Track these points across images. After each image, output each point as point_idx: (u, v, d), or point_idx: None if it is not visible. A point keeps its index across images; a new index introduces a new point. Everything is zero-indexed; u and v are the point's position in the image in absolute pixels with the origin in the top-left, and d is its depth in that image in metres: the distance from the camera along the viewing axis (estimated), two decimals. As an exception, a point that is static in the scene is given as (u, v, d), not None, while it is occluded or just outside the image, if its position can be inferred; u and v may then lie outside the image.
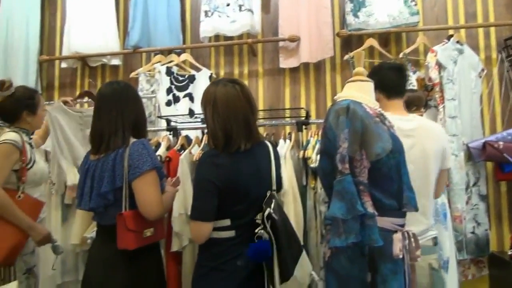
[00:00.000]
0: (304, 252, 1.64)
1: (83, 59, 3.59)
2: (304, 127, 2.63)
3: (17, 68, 3.60)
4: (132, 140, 1.72)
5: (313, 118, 2.99)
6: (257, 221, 1.57)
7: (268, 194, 1.62)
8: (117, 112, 1.72)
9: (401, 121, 1.77)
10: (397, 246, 1.38)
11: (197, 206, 1.58)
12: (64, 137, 2.40)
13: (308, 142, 2.51)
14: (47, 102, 3.30)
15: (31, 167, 2.07)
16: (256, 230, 1.54)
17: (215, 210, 1.56)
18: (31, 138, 2.20)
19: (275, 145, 1.82)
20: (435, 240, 1.96)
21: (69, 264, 2.63)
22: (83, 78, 3.75)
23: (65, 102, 2.45)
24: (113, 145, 1.70)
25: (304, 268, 1.61)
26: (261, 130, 3.10)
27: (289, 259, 1.54)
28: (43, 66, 3.78)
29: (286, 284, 1.54)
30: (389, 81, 1.85)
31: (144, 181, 1.64)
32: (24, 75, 3.58)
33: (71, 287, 2.64)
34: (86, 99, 3.02)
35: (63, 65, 3.68)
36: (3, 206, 1.92)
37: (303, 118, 2.67)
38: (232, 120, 1.58)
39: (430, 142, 1.82)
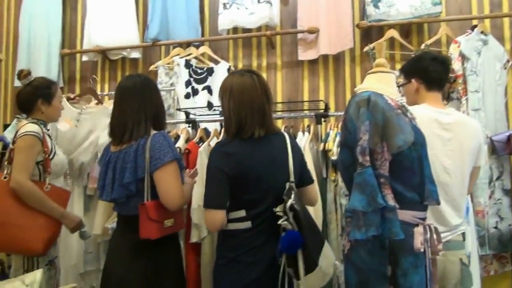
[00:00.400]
0: (326, 243, 1.65)
1: (104, 53, 3.62)
2: (323, 119, 2.61)
3: (40, 62, 3.67)
4: (153, 132, 1.75)
5: (332, 111, 2.97)
6: (277, 213, 1.58)
7: (287, 186, 1.62)
8: (140, 103, 1.76)
9: (440, 114, 1.73)
10: (418, 239, 1.37)
11: (208, 194, 1.60)
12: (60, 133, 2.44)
13: (327, 134, 2.50)
14: (70, 94, 3.38)
15: (52, 158, 2.09)
16: (279, 222, 1.54)
17: (227, 198, 1.58)
18: (48, 130, 2.22)
19: (292, 136, 1.81)
20: (464, 236, 1.93)
21: (91, 254, 2.70)
22: (104, 71, 3.80)
23: (69, 98, 2.47)
24: (136, 135, 1.73)
25: (328, 258, 1.61)
26: (279, 122, 3.12)
27: (314, 250, 1.55)
28: (64, 59, 3.84)
29: (311, 275, 1.54)
30: (435, 73, 1.78)
31: (165, 172, 1.67)
32: (46, 68, 3.64)
33: (93, 276, 2.72)
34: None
35: (84, 58, 3.72)
36: (36, 198, 1.96)
37: (322, 111, 2.65)
38: (247, 107, 1.62)
39: (467, 137, 1.78)
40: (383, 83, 1.52)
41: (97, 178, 1.94)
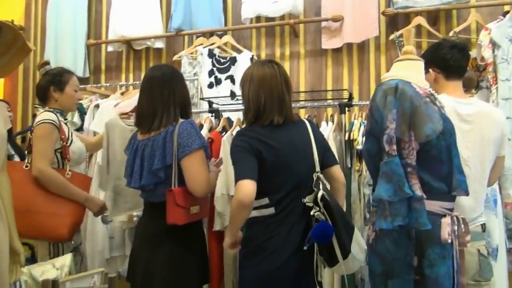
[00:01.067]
0: (356, 229, 1.67)
1: (128, 43, 3.67)
2: (347, 109, 2.58)
3: (66, 53, 3.74)
4: (180, 120, 1.79)
5: (355, 100, 2.93)
6: (307, 203, 1.59)
7: (315, 177, 1.64)
8: (169, 91, 1.79)
9: (460, 104, 1.69)
10: (446, 230, 1.34)
11: (238, 169, 1.60)
12: (112, 154, 2.35)
13: (352, 124, 2.47)
14: (95, 85, 3.45)
15: (70, 145, 2.13)
16: (312, 212, 1.56)
17: (256, 172, 1.57)
18: (66, 119, 2.25)
19: (314, 123, 1.81)
20: (484, 227, 1.90)
21: (117, 240, 2.76)
22: (128, 61, 3.84)
23: (122, 114, 2.48)
24: (165, 122, 1.76)
25: (359, 244, 1.64)
26: (302, 112, 3.10)
27: (346, 237, 1.57)
28: (90, 50, 3.90)
29: (344, 262, 1.57)
30: (453, 60, 1.74)
31: (193, 159, 1.70)
32: (73, 59, 3.72)
33: (118, 262, 2.78)
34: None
35: (109, 48, 3.78)
36: (58, 184, 2.01)
37: (346, 100, 2.62)
38: (266, 93, 1.65)
39: (489, 128, 1.73)
40: (411, 70, 1.49)
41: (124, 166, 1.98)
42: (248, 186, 1.54)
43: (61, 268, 1.80)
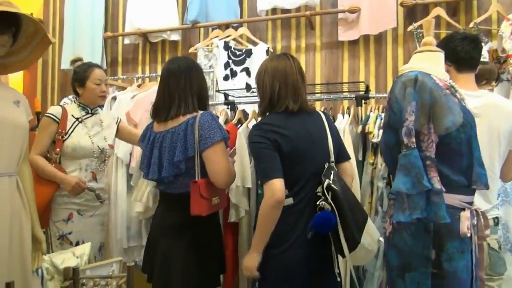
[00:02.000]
0: (369, 220, 1.65)
1: (145, 35, 3.69)
2: (363, 101, 2.56)
3: (84, 45, 3.79)
4: (200, 111, 1.79)
5: (372, 93, 2.89)
6: (317, 193, 1.58)
7: (326, 166, 1.63)
8: (185, 80, 1.80)
9: (468, 97, 1.66)
10: (465, 224, 1.32)
11: (263, 169, 1.59)
12: None
13: (368, 116, 2.45)
14: (112, 78, 3.48)
15: (65, 139, 2.19)
16: (318, 202, 1.56)
17: (281, 167, 1.57)
18: (90, 113, 2.30)
19: (329, 115, 1.81)
20: (496, 221, 1.88)
21: (133, 230, 2.80)
22: (144, 53, 3.87)
23: None
24: (184, 110, 1.77)
25: (372, 235, 1.62)
26: (318, 104, 3.08)
27: (355, 228, 1.56)
28: (107, 42, 3.94)
29: (355, 252, 1.56)
30: (463, 52, 1.73)
31: (215, 151, 1.71)
32: (91, 52, 3.76)
33: (135, 252, 2.83)
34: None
35: (126, 41, 3.81)
36: (39, 167, 2.12)
37: (363, 93, 2.59)
38: (281, 81, 1.66)
39: (498, 120, 1.72)
40: (431, 62, 1.47)
41: (140, 158, 2.00)
42: (276, 186, 1.54)
43: (81, 257, 1.84)
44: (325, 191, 1.55)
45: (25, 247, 1.63)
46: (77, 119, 2.25)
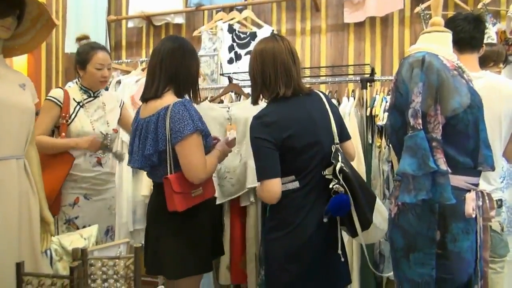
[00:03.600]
0: (378, 199, 1.66)
1: (148, 18, 3.66)
2: (368, 84, 2.54)
3: (88, 29, 3.73)
4: (174, 99, 1.69)
5: (378, 75, 2.87)
6: (326, 176, 1.59)
7: (333, 149, 1.62)
8: (157, 60, 1.72)
9: (472, 76, 1.65)
10: (470, 205, 1.33)
11: (260, 167, 1.59)
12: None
13: (374, 99, 2.44)
14: (116, 61, 3.47)
15: (69, 124, 2.17)
16: (331, 185, 1.56)
17: (279, 166, 1.58)
18: (92, 96, 2.27)
19: (328, 96, 1.79)
20: (499, 203, 1.89)
21: (139, 213, 2.83)
22: (148, 37, 3.85)
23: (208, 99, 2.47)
24: (147, 94, 1.72)
25: (382, 213, 1.63)
26: (322, 87, 3.07)
27: (367, 208, 1.57)
28: (111, 26, 3.91)
29: (367, 232, 1.58)
30: (463, 32, 1.73)
31: (186, 145, 1.63)
32: (95, 35, 3.69)
33: (142, 234, 2.86)
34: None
35: (130, 24, 3.78)
36: (45, 144, 2.07)
37: (368, 75, 2.57)
38: (269, 65, 1.61)
39: (499, 102, 1.72)
40: (439, 43, 1.45)
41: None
42: (273, 186, 1.55)
43: (88, 238, 1.87)
44: (337, 173, 1.55)
45: (34, 228, 1.65)
46: (78, 103, 2.22)
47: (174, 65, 1.72)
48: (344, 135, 1.75)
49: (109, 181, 2.35)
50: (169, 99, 1.69)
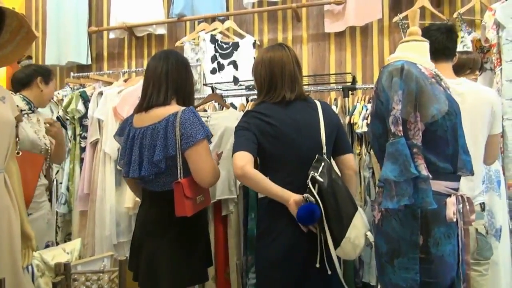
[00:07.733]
0: (359, 214, 1.59)
1: (130, 29, 3.65)
2: (350, 92, 2.58)
3: (69, 40, 3.73)
4: (181, 108, 1.72)
5: (359, 84, 2.92)
6: (308, 185, 1.59)
7: (316, 157, 1.62)
8: (162, 69, 1.75)
9: (452, 84, 1.70)
10: (451, 209, 1.36)
11: (236, 144, 1.64)
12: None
13: (354, 107, 2.47)
14: (97, 73, 3.44)
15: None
16: (304, 195, 1.56)
17: (254, 146, 1.61)
18: (31, 111, 2.27)
19: (329, 106, 1.81)
20: (483, 206, 1.93)
21: (123, 226, 2.79)
22: (130, 48, 3.84)
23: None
24: (155, 101, 1.72)
25: (359, 229, 1.56)
26: (306, 96, 3.09)
27: (338, 222, 1.54)
28: (92, 37, 3.89)
29: (341, 247, 1.54)
30: (437, 43, 1.78)
31: (198, 150, 1.65)
32: (76, 46, 3.71)
33: (126, 247, 2.81)
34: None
35: (111, 35, 3.77)
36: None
37: (349, 84, 2.61)
38: (277, 73, 1.68)
39: (477, 105, 1.77)
40: (417, 52, 1.49)
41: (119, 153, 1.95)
42: (237, 159, 1.57)
43: (71, 252, 1.84)
44: (309, 183, 1.56)
45: (14, 244, 1.61)
46: (21, 111, 2.15)
47: (180, 77, 1.79)
48: (343, 148, 1.75)
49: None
50: (174, 107, 1.74)
